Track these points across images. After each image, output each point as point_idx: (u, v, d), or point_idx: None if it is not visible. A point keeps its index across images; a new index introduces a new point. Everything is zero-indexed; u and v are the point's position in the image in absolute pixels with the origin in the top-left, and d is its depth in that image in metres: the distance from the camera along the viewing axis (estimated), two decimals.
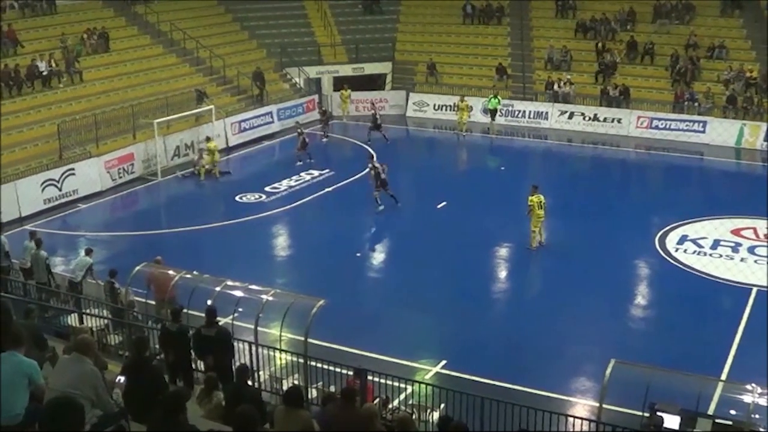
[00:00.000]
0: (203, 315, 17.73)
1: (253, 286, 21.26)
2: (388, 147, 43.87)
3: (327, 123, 47.02)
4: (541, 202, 29.57)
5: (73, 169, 36.29)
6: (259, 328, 19.72)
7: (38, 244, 24.75)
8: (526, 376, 20.85)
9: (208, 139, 41.66)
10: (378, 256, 31.64)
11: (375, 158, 36.52)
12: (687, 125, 45.94)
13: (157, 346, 17.92)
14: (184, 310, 19.04)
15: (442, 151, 48.29)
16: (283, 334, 20.26)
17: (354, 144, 45.65)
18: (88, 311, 21.68)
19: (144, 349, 14.18)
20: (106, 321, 21.12)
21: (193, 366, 17.78)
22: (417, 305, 26.00)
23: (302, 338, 18.80)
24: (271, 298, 20.40)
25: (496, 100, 47.98)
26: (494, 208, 34.21)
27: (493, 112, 47.97)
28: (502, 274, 29.74)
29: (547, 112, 49.10)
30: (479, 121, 49.28)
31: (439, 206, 34.86)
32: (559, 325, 24.47)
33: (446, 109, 51.42)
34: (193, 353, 17.54)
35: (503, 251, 30.82)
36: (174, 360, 17.01)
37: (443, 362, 22.04)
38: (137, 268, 21.92)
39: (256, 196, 36.59)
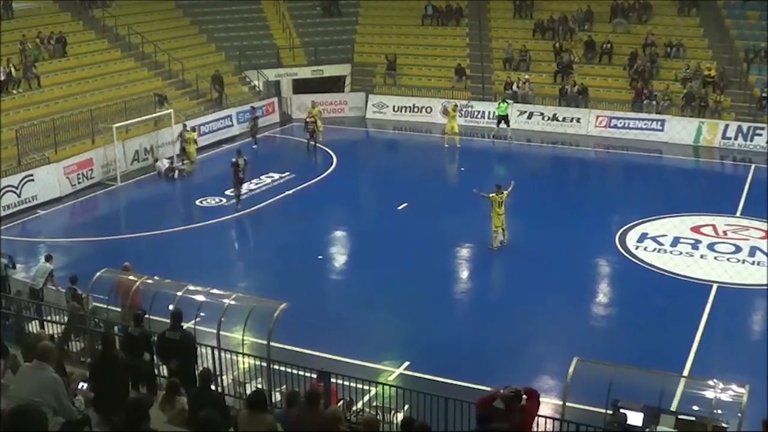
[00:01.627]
0: (166, 320, 17.66)
1: (215, 290, 21.17)
2: (348, 148, 43.86)
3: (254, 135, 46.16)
4: (501, 200, 29.70)
5: (31, 175, 35.93)
6: (221, 332, 19.65)
7: None
8: (490, 375, 20.78)
9: (190, 129, 42.04)
10: (339, 258, 31.49)
11: (241, 153, 36.68)
12: (645, 124, 46.29)
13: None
14: (146, 315, 18.99)
15: (401, 153, 48.40)
16: (245, 337, 20.21)
17: (320, 148, 45.02)
18: (48, 318, 21.57)
19: (111, 346, 14.22)
20: (65, 327, 21.00)
21: (156, 371, 17.73)
22: (379, 307, 26.00)
23: (265, 342, 18.75)
24: (233, 302, 20.28)
25: (505, 105, 46.93)
26: (455, 209, 34.23)
27: (503, 118, 46.76)
28: (464, 274, 29.79)
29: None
30: (441, 122, 49.54)
31: (400, 207, 34.85)
32: (522, 324, 24.57)
33: (405, 111, 51.55)
34: (155, 358, 17.47)
35: (465, 251, 30.86)
36: (135, 365, 16.86)
37: (406, 363, 22.05)
38: (98, 273, 21.76)
39: (217, 200, 36.37)
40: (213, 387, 16.06)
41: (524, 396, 13.07)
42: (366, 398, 19.02)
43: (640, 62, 48.55)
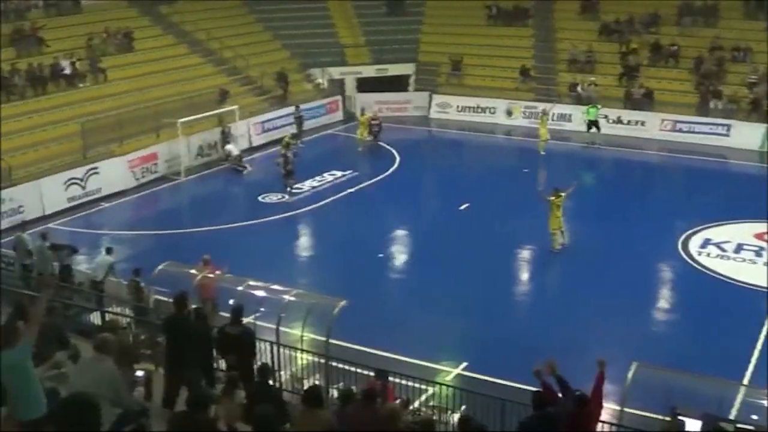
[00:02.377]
0: (227, 315, 17.77)
1: (275, 286, 21.36)
2: (411, 147, 43.96)
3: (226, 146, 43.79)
4: (560, 203, 29.52)
5: (96, 168, 36.48)
6: (280, 328, 19.80)
7: (44, 239, 25.49)
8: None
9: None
10: (399, 257, 31.48)
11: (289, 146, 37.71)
12: (711, 128, 45.64)
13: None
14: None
15: (464, 153, 48.41)
16: (304, 334, 20.35)
17: (381, 146, 45.19)
18: (110, 309, 21.88)
19: (183, 307, 15.17)
20: (128, 320, 21.30)
21: (215, 365, 17.86)
22: (438, 307, 25.95)
23: (324, 339, 18.88)
24: (292, 299, 20.49)
25: (595, 110, 45.94)
26: (517, 210, 33.98)
27: (594, 123, 45.72)
28: (525, 275, 29.75)
29: (570, 115, 48.97)
30: (505, 123, 49.58)
31: (462, 207, 34.80)
32: (581, 327, 24.34)
33: (469, 111, 51.42)
34: (215, 352, 17.61)
35: (526, 253, 30.72)
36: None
37: (464, 364, 22.10)
38: (160, 267, 22.09)
39: (279, 197, 36.76)
40: (271, 382, 16.22)
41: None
42: (423, 398, 19.09)
43: (707, 66, 48.01)
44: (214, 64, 49.20)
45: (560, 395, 13.09)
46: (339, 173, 40.03)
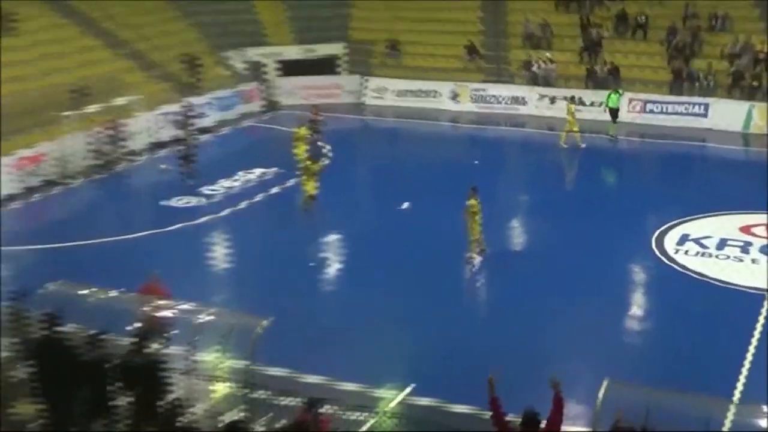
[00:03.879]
0: (129, 340, 17.32)
1: (187, 306, 21.00)
2: (344, 139, 43.79)
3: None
4: (477, 205, 29.37)
5: None
6: (194, 355, 19.56)
7: None
8: (508, 400, 20.62)
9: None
10: (333, 266, 31.13)
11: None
12: (686, 108, 46.18)
13: None
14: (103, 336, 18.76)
15: (405, 145, 48.34)
16: (223, 360, 20.05)
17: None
18: None
19: (55, 325, 15.01)
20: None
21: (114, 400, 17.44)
22: (379, 322, 25.64)
23: (245, 364, 18.59)
24: (208, 319, 20.15)
25: (617, 96, 45.52)
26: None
27: (614, 112, 45.45)
28: (477, 283, 29.69)
29: (524, 97, 49.13)
30: (451, 109, 49.55)
31: (402, 207, 34.73)
32: (545, 340, 24.24)
33: (409, 96, 51.39)
34: (114, 385, 17.18)
35: (477, 258, 30.14)
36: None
37: (411, 387, 21.71)
38: (48, 287, 21.55)
39: (190, 200, 36.36)
40: (183, 419, 15.90)
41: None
42: (364, 429, 18.89)
43: (680, 37, 48.33)
44: (110, 47, 48.57)
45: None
46: (261, 171, 39.81)
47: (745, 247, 30.08)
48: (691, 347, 23.82)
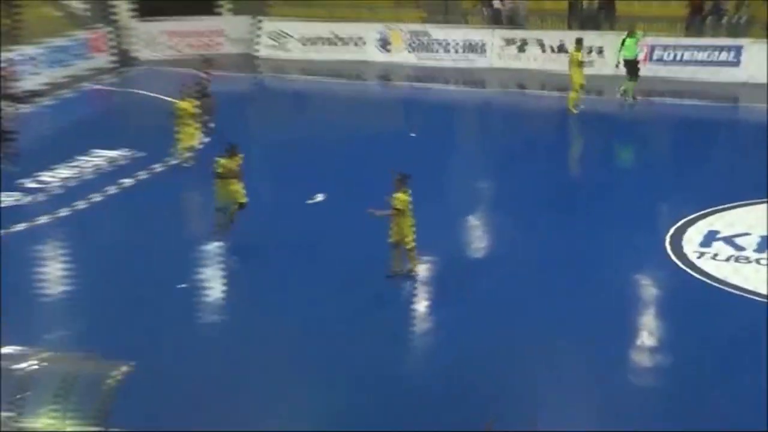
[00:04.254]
0: None
1: (6, 349, 20.50)
2: (230, 106, 43.02)
3: None
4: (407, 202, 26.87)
5: None
6: (19, 420, 18.94)
7: None
8: None
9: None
10: (216, 287, 29.06)
11: None
12: (710, 54, 45.75)
13: None
14: None
15: (315, 113, 46.73)
16: (60, 424, 19.55)
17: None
18: None
19: None
20: None
21: None
22: (280, 358, 23.48)
23: (95, 431, 18.11)
24: (38, 367, 19.67)
25: (634, 40, 42.86)
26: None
27: (632, 64, 43.32)
28: (431, 297, 27.55)
29: (483, 43, 49.03)
30: (379, 60, 49.33)
31: (312, 201, 33.49)
32: (525, 376, 22.30)
33: (321, 44, 51.10)
34: None
35: (427, 261, 28.39)
36: None
37: None
38: None
39: (10, 196, 34.57)
40: None
41: None
42: None
43: None
44: None
45: None
46: (111, 154, 38.11)
47: None
48: (722, 382, 22.22)
